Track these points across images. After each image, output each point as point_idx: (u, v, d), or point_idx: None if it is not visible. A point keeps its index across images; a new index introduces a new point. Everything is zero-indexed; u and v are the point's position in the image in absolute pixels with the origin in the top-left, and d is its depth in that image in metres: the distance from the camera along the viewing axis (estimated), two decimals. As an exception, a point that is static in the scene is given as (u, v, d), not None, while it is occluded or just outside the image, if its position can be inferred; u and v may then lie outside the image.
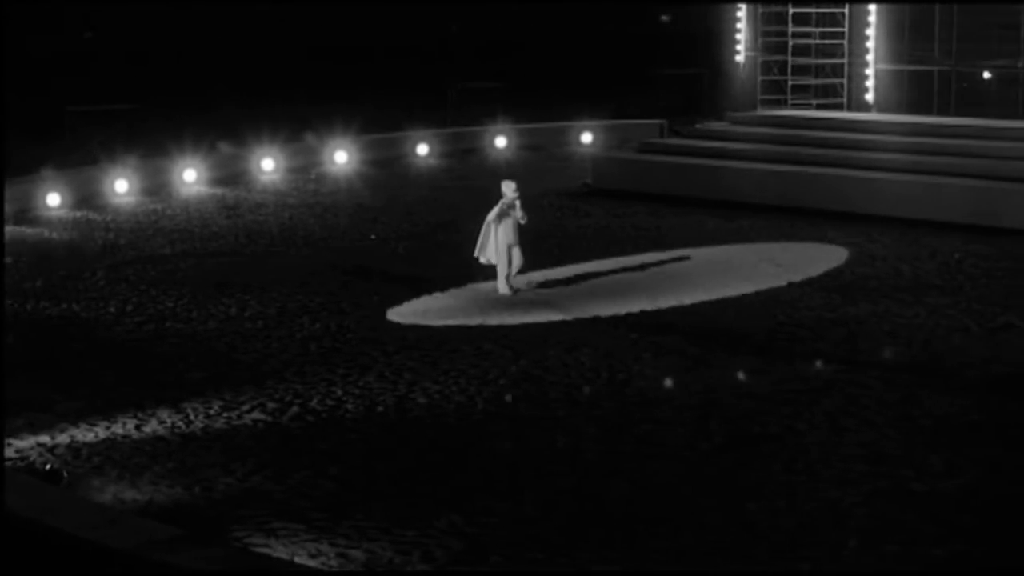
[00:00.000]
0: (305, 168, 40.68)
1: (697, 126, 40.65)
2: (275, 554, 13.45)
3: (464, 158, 43.15)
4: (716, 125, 40.02)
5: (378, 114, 45.50)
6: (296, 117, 44.16)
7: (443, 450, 16.59)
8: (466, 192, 36.24)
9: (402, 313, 23.21)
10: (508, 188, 24.15)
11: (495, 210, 23.99)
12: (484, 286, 24.51)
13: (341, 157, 41.32)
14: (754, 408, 17.80)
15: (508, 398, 18.46)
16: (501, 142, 44.33)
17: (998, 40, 40.77)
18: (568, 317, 22.57)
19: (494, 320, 22.56)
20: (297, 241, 29.84)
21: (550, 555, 13.49)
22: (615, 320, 22.35)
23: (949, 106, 40.26)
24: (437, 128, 45.07)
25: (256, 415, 17.87)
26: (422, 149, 43.16)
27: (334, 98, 44.02)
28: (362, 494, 15.13)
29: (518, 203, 24.05)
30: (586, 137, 44.63)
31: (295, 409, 18.09)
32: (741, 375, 19.30)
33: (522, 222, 24.09)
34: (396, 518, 14.35)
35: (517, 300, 23.76)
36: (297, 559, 13.44)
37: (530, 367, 19.81)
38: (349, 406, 18.20)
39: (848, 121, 38.46)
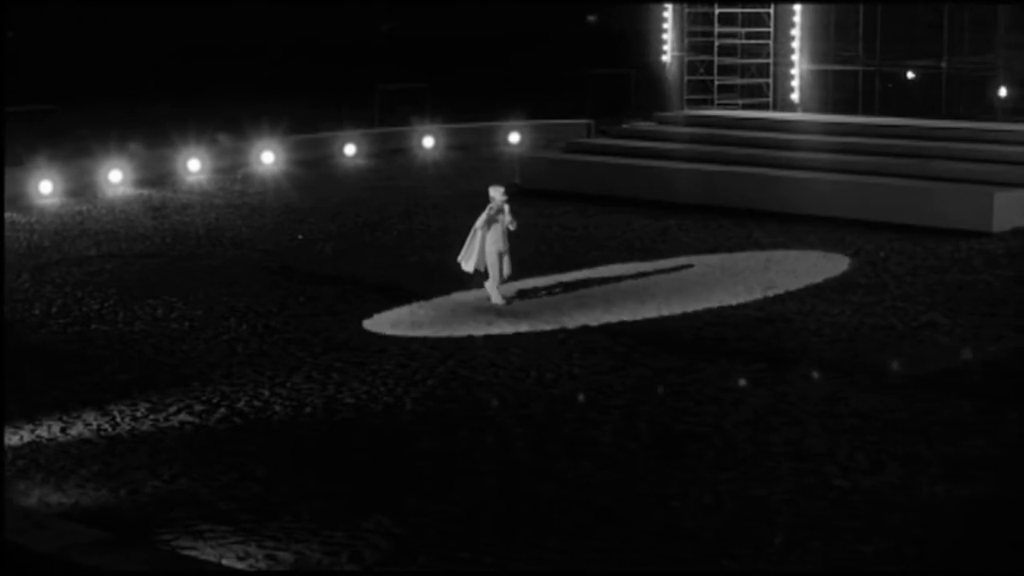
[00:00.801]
0: (232, 168, 40.49)
1: (624, 126, 40.82)
2: (202, 556, 13.40)
3: (391, 158, 43.09)
4: (643, 125, 40.17)
5: (307, 114, 45.37)
6: (223, 117, 43.96)
7: (371, 451, 16.58)
8: (393, 192, 36.24)
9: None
10: (496, 193, 23.11)
11: (483, 216, 22.96)
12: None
13: (268, 157, 41.15)
14: (681, 407, 17.87)
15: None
16: (429, 142, 44.31)
17: (923, 40, 41.22)
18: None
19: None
20: (224, 242, 29.70)
21: (479, 555, 13.49)
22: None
23: (873, 106, 40.68)
24: (365, 128, 44.98)
25: (183, 417, 17.78)
26: (349, 149, 43.06)
27: (261, 98, 43.83)
28: (290, 495, 15.08)
29: (507, 208, 23.03)
30: (514, 137, 44.69)
31: (222, 411, 18.01)
32: (667, 377, 19.38)
33: (511, 228, 23.09)
34: (324, 519, 14.32)
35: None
36: (225, 561, 13.38)
37: (457, 367, 19.81)
38: (277, 407, 18.13)
39: (774, 121, 38.73)
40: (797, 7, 41.41)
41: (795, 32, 41.50)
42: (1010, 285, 24.46)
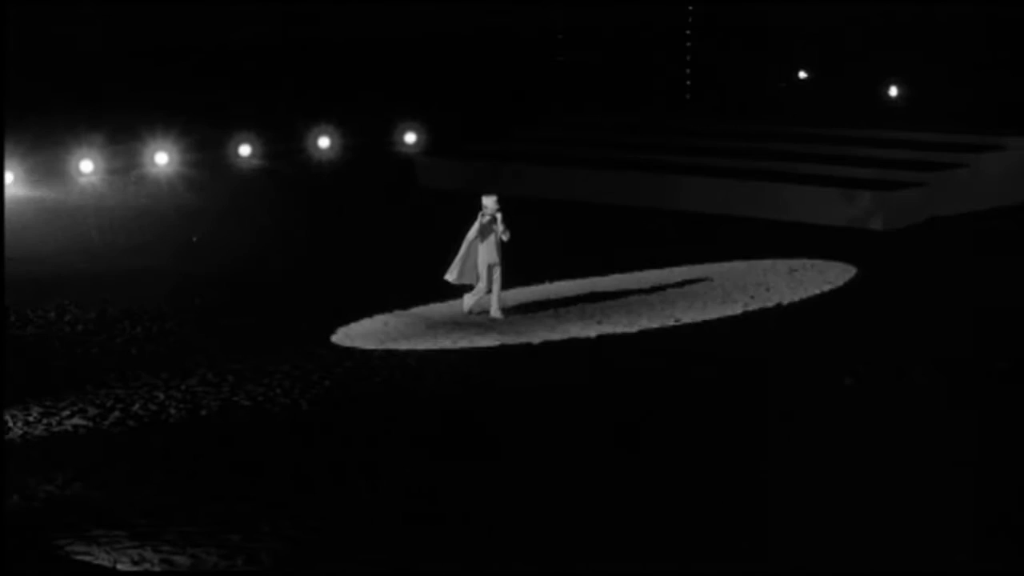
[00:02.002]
0: (125, 170, 40.09)
1: (524, 127, 40.86)
2: (96, 561, 13.32)
3: (288, 159, 42.81)
4: (542, 127, 40.30)
5: (203, 113, 44.95)
6: (117, 118, 43.47)
7: (268, 453, 16.53)
8: (287, 192, 36.10)
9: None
10: (489, 202, 22.17)
11: (475, 226, 22.07)
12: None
13: (162, 159, 40.76)
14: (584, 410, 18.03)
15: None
16: (324, 142, 44.06)
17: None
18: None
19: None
20: (117, 244, 29.45)
21: (379, 556, 13.52)
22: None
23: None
24: (262, 128, 44.60)
25: (77, 421, 17.64)
26: (244, 150, 42.69)
27: (159, 99, 43.38)
28: (186, 499, 15.02)
29: (499, 217, 22.15)
30: (410, 137, 44.58)
31: (116, 414, 17.89)
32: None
33: (504, 238, 22.09)
34: (221, 522, 14.27)
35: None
36: (119, 566, 13.32)
37: (356, 368, 19.81)
38: (172, 410, 18.05)
39: (664, 123, 39.03)
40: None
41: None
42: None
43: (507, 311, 22.46)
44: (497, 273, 22.18)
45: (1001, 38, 48.86)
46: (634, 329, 21.62)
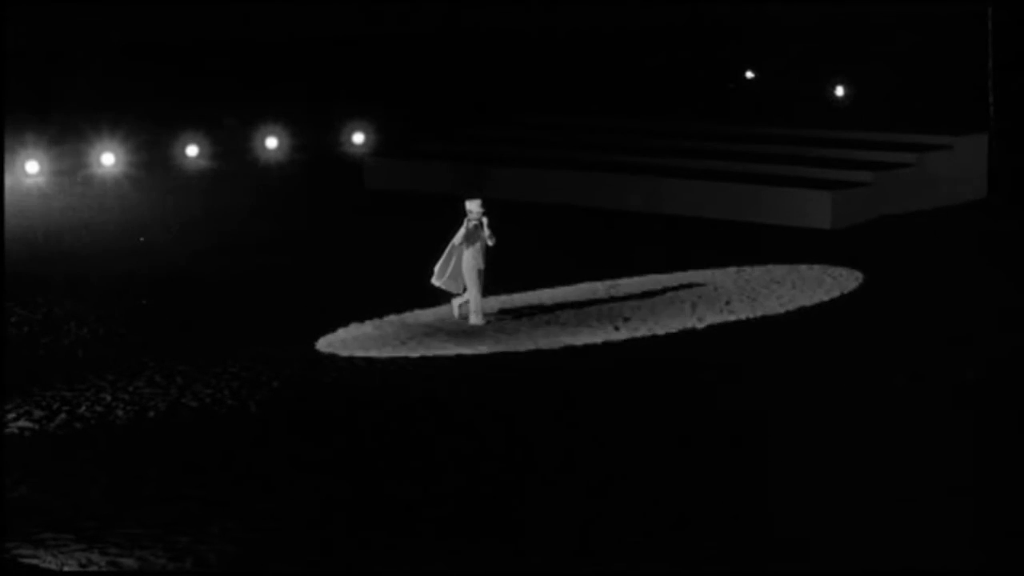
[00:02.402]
0: (71, 171, 39.83)
1: (472, 128, 40.85)
2: (44, 565, 13.22)
3: (235, 158, 42.65)
4: (488, 128, 40.29)
5: (149, 114, 44.69)
6: (62, 119, 43.20)
7: (216, 455, 16.44)
8: (234, 193, 35.96)
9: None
10: (474, 206, 21.70)
11: (461, 232, 21.57)
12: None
13: (108, 159, 40.51)
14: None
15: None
16: (272, 143, 43.90)
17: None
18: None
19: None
20: (63, 245, 29.25)
21: (327, 558, 13.46)
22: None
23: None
24: (208, 128, 44.40)
25: (22, 423, 17.50)
26: (191, 151, 42.48)
27: (106, 98, 43.10)
28: (133, 501, 14.92)
29: (485, 221, 21.68)
30: (358, 138, 44.47)
31: (63, 416, 17.76)
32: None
33: (490, 243, 21.65)
34: (168, 524, 14.18)
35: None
36: (67, 569, 13.21)
37: (304, 370, 19.73)
38: (119, 412, 17.92)
39: (610, 123, 39.09)
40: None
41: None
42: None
43: (488, 315, 22.06)
44: (481, 277, 21.69)
45: (949, 38, 49.12)
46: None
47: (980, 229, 29.62)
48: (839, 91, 50.46)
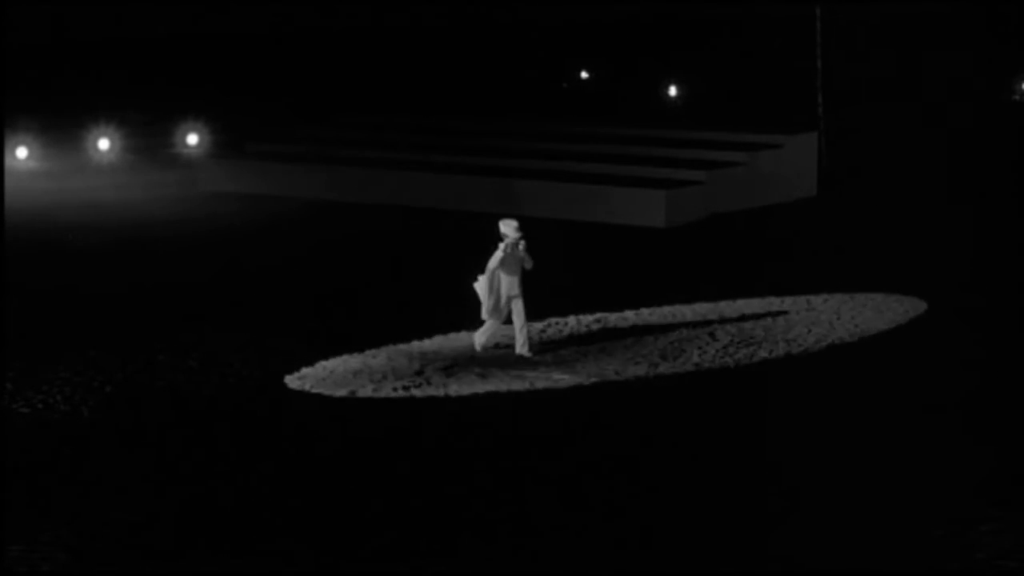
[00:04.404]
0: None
1: (306, 128, 40.69)
2: None
3: (65, 161, 41.84)
4: (320, 128, 40.19)
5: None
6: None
7: (48, 462, 16.18)
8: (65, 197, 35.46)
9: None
10: (509, 228, 19.75)
11: (498, 255, 19.65)
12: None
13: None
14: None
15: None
16: (104, 144, 43.08)
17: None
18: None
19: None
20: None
21: (158, 562, 13.34)
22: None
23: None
24: (40, 130, 43.47)
25: None
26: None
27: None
28: (-36, 511, 14.65)
29: (522, 245, 19.82)
30: (192, 138, 43.96)
31: None
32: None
33: (527, 267, 19.83)
34: (-1, 533, 13.96)
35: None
36: None
37: (135, 374, 19.50)
38: (-53, 420, 17.58)
39: (441, 124, 39.20)
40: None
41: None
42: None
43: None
44: (520, 305, 19.86)
45: (780, 38, 50.00)
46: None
47: (810, 226, 30.27)
48: (672, 91, 51.09)
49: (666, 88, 50.76)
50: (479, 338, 20.28)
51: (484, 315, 20.01)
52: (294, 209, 33.03)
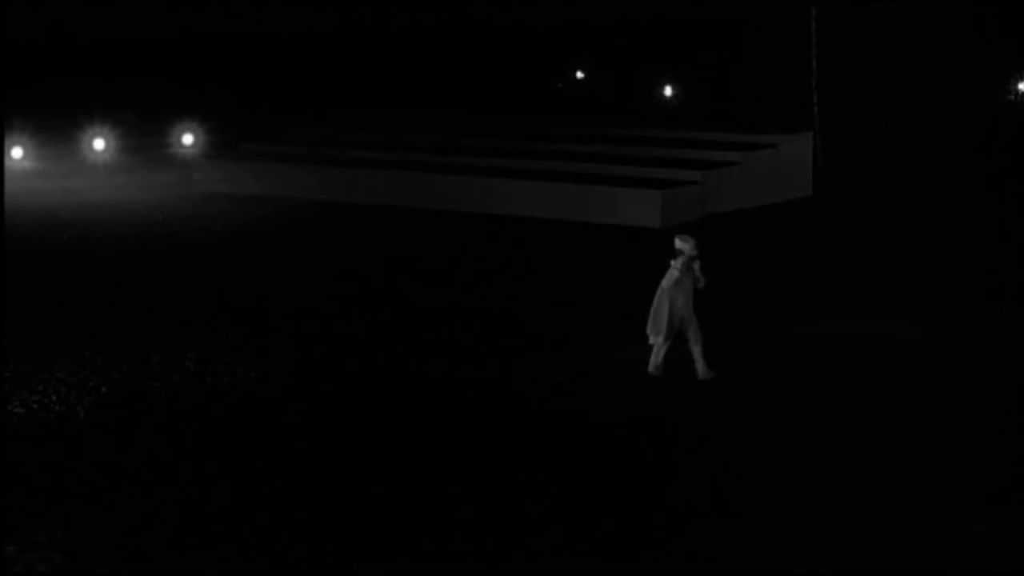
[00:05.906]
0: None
1: (299, 128, 40.69)
2: None
3: (58, 162, 41.83)
4: (317, 128, 40.19)
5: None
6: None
7: (43, 462, 16.17)
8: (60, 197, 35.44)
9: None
10: (686, 246, 18.53)
11: (673, 274, 18.46)
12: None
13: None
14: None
15: None
16: (99, 144, 43.05)
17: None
18: None
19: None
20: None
21: (153, 565, 13.34)
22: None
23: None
24: (34, 131, 43.37)
25: None
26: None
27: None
28: (-43, 511, 14.64)
29: (697, 265, 18.63)
30: (188, 138, 43.91)
31: None
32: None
33: (700, 286, 18.65)
34: (-6, 534, 13.96)
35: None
36: None
37: (131, 374, 19.50)
38: (-57, 421, 17.58)
39: (436, 123, 39.21)
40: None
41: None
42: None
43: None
44: (695, 326, 18.62)
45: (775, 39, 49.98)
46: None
47: (805, 225, 30.29)
48: (667, 91, 51.11)
49: (661, 88, 50.77)
50: (653, 360, 18.80)
51: (652, 337, 18.72)
52: (290, 210, 33.04)
